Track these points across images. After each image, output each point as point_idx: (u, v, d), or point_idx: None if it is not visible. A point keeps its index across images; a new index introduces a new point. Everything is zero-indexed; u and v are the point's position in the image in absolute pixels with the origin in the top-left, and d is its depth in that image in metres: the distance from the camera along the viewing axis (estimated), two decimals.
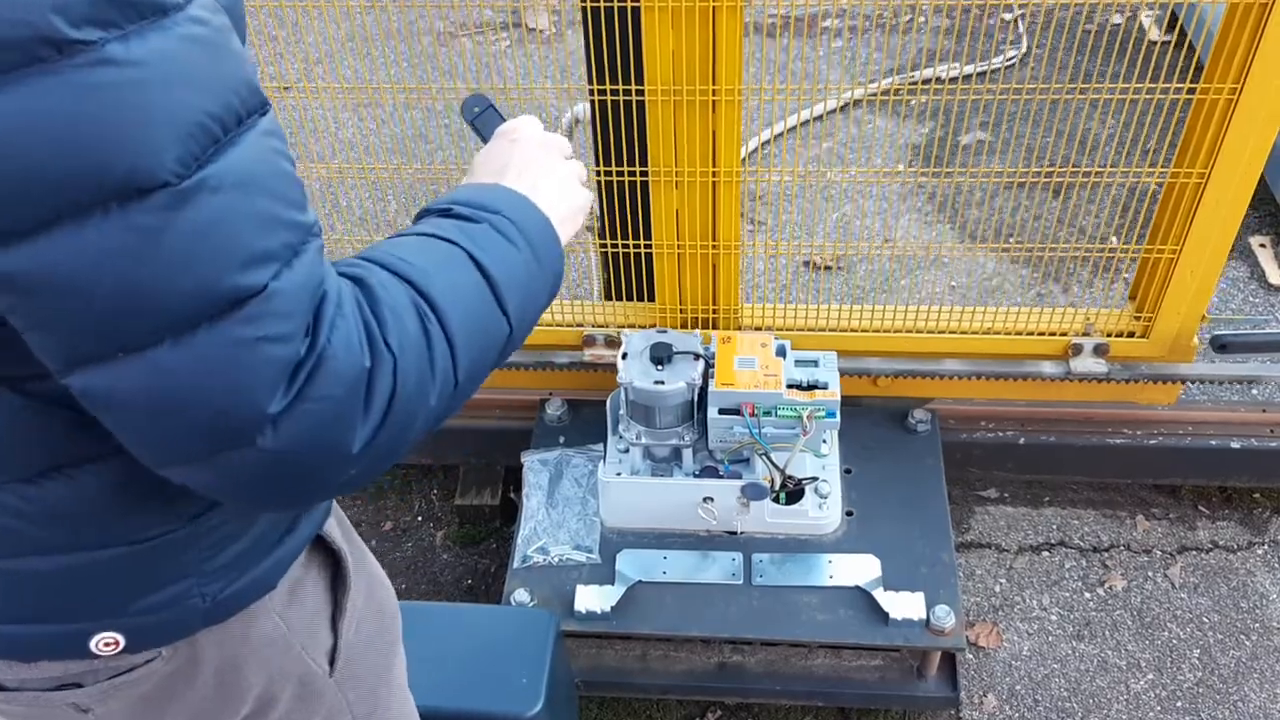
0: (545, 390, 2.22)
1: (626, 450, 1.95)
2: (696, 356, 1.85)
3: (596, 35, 1.74)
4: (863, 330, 2.10)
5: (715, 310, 2.08)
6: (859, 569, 1.86)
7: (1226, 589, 2.21)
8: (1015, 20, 3.69)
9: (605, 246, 2.02)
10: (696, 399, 1.86)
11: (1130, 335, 2.07)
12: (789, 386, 1.82)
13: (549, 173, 1.00)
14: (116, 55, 0.59)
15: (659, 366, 1.84)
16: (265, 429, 0.67)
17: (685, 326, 2.10)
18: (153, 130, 0.61)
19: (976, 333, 2.09)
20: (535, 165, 1.00)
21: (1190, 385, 2.34)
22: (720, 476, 1.89)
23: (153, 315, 0.64)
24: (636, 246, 2.00)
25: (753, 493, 1.84)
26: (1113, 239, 2.81)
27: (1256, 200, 3.00)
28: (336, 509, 1.04)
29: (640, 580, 1.86)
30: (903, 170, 3.20)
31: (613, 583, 1.86)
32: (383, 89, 1.86)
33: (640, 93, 1.78)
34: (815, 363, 1.88)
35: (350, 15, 1.80)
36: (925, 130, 3.38)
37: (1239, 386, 2.37)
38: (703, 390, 1.85)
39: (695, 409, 1.87)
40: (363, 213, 2.64)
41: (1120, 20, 3.65)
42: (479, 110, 1.14)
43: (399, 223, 2.76)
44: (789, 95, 1.84)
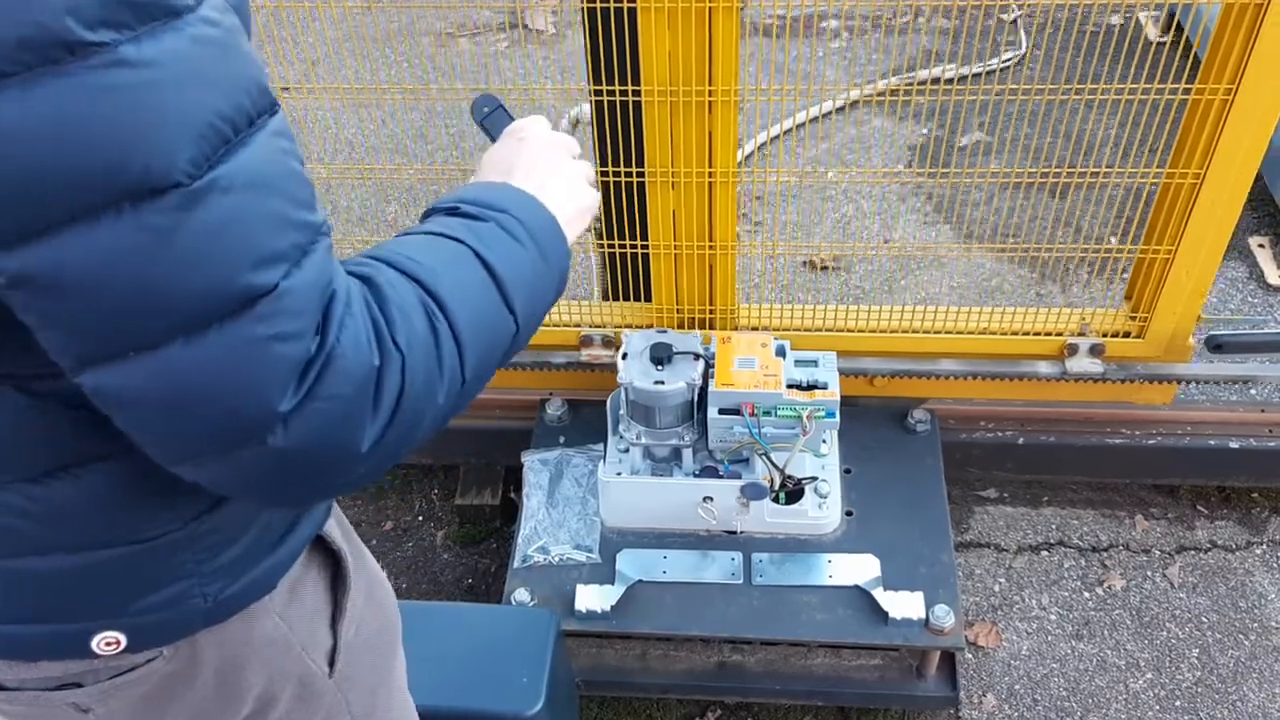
0: (545, 390, 2.22)
1: (626, 450, 1.95)
2: (696, 356, 1.85)
3: (594, 36, 1.75)
4: (859, 330, 2.10)
5: (712, 310, 2.08)
6: (858, 569, 1.87)
7: (1225, 589, 2.22)
8: (1015, 21, 3.69)
9: (605, 247, 2.02)
10: (696, 399, 1.86)
11: (1126, 335, 2.08)
12: (789, 386, 1.82)
13: (556, 172, 1.00)
14: (130, 56, 0.60)
15: (659, 366, 1.84)
16: (276, 427, 0.67)
17: (682, 327, 2.10)
18: (166, 131, 0.61)
19: (973, 333, 2.09)
20: (543, 164, 1.00)
21: (1188, 385, 2.34)
22: (720, 476, 1.89)
23: (165, 314, 0.64)
24: (633, 247, 2.00)
25: (752, 492, 1.84)
26: (1111, 239, 2.81)
27: (1255, 200, 3.00)
28: (336, 509, 1.05)
29: (640, 580, 1.87)
30: (902, 171, 3.20)
31: (613, 582, 1.86)
32: (383, 90, 1.87)
33: (637, 93, 1.78)
34: (815, 363, 1.88)
35: (350, 16, 1.80)
36: (925, 131, 3.38)
37: (1237, 387, 2.37)
38: (703, 390, 1.85)
39: (695, 409, 1.88)
40: (363, 213, 2.64)
41: (1119, 21, 3.65)
42: (488, 110, 1.14)
43: (399, 223, 2.76)
44: (789, 96, 1.84)
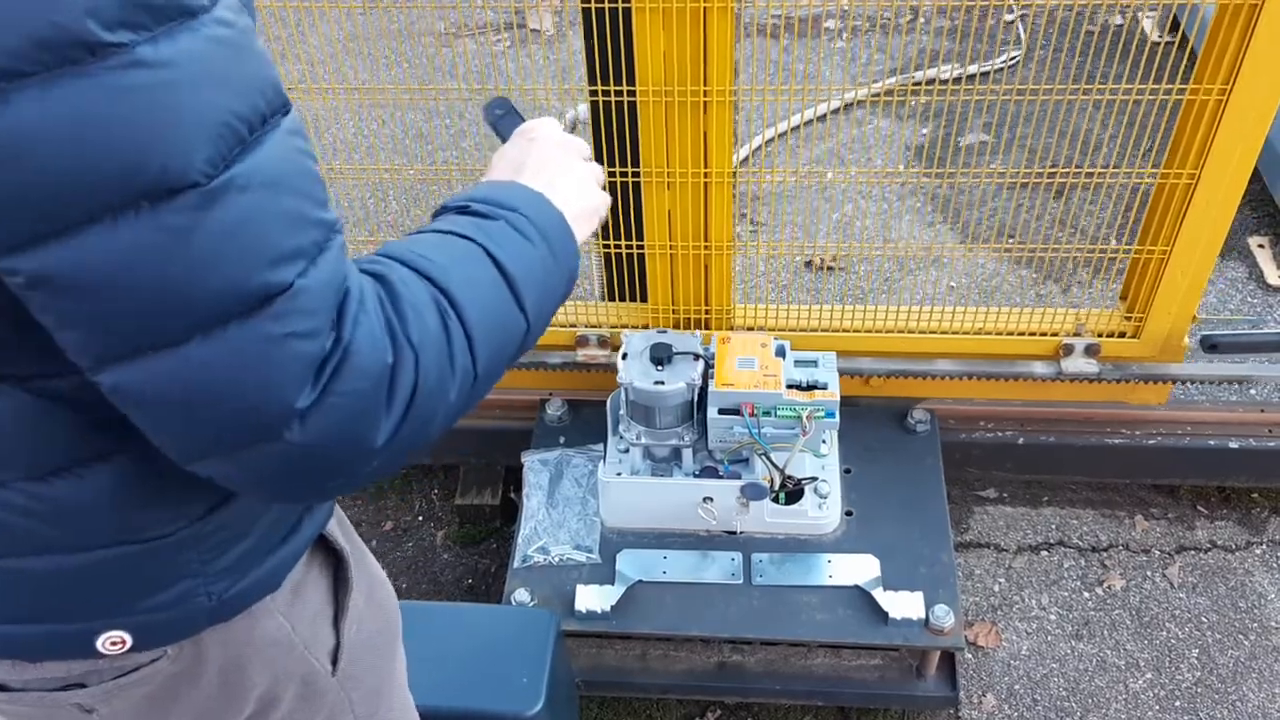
0: (545, 390, 2.22)
1: (626, 450, 1.96)
2: (696, 357, 1.86)
3: (591, 36, 1.75)
4: (855, 330, 2.10)
5: (708, 310, 2.08)
6: (858, 569, 1.87)
7: (1225, 589, 2.22)
8: (1015, 21, 3.70)
9: (601, 247, 2.02)
10: (696, 399, 1.86)
11: (1121, 335, 2.08)
12: (788, 387, 1.82)
13: (566, 171, 1.01)
14: (147, 57, 0.60)
15: (659, 367, 1.84)
16: (293, 423, 0.68)
17: (678, 327, 2.10)
18: (183, 131, 0.62)
19: (968, 333, 2.09)
20: (553, 164, 1.01)
21: (1188, 385, 2.34)
22: (720, 476, 1.90)
23: (183, 313, 0.65)
24: (629, 247, 2.01)
25: (752, 493, 1.84)
26: (1112, 239, 2.82)
27: (1255, 201, 3.01)
28: (337, 509, 1.05)
29: (640, 580, 1.87)
30: (903, 171, 3.20)
31: (613, 582, 1.87)
32: (383, 90, 1.87)
33: (632, 94, 1.78)
34: (815, 363, 1.88)
35: (350, 16, 1.81)
36: (925, 131, 3.38)
37: (1236, 387, 2.37)
38: (702, 390, 1.85)
39: (695, 409, 1.88)
40: (363, 213, 2.64)
41: (1120, 21, 3.65)
42: (500, 113, 1.15)
43: (399, 223, 2.76)
44: (789, 96, 1.84)
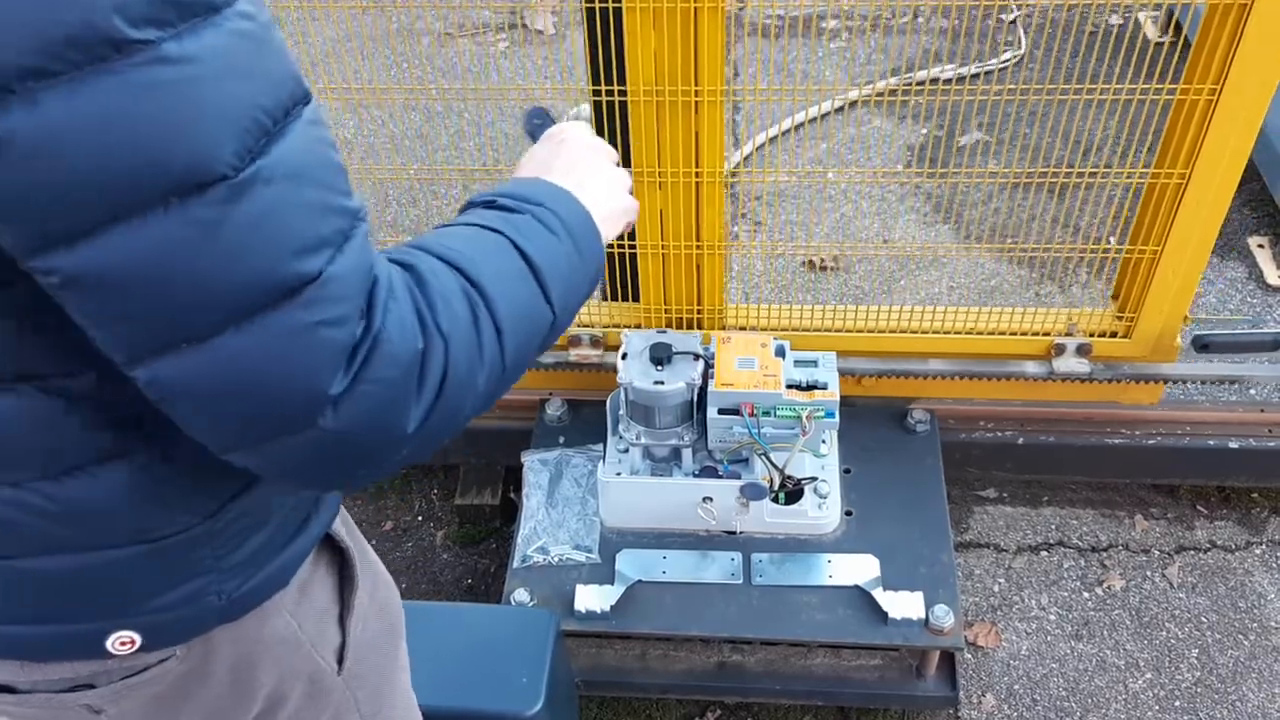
0: (545, 390, 2.22)
1: (626, 450, 1.96)
2: (696, 357, 1.86)
3: (594, 36, 1.75)
4: (848, 330, 2.10)
5: (700, 310, 2.08)
6: (858, 569, 1.87)
7: (1224, 589, 2.22)
8: (1014, 21, 3.70)
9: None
10: (696, 399, 1.86)
11: (1113, 335, 2.08)
12: (788, 387, 1.82)
13: (595, 173, 1.02)
14: (172, 53, 0.60)
15: (659, 367, 1.84)
16: (326, 410, 0.69)
17: (670, 326, 2.10)
18: (209, 125, 0.62)
19: (960, 333, 2.09)
20: (582, 165, 1.02)
21: (1187, 385, 2.34)
22: (720, 476, 1.90)
23: (215, 306, 0.65)
24: (622, 246, 2.01)
25: (752, 493, 1.84)
26: (1110, 239, 2.82)
27: (1255, 201, 3.01)
28: (341, 509, 1.05)
29: (640, 580, 1.87)
30: (901, 171, 3.20)
31: (612, 582, 1.87)
32: (382, 90, 1.87)
33: (624, 93, 1.78)
34: (814, 363, 1.88)
35: (350, 16, 1.81)
36: (924, 131, 3.38)
37: (1236, 387, 2.38)
38: (702, 390, 1.85)
39: (695, 409, 1.88)
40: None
41: (1119, 21, 3.66)
42: (538, 123, 1.17)
43: (399, 223, 2.77)
44: (788, 96, 1.84)
